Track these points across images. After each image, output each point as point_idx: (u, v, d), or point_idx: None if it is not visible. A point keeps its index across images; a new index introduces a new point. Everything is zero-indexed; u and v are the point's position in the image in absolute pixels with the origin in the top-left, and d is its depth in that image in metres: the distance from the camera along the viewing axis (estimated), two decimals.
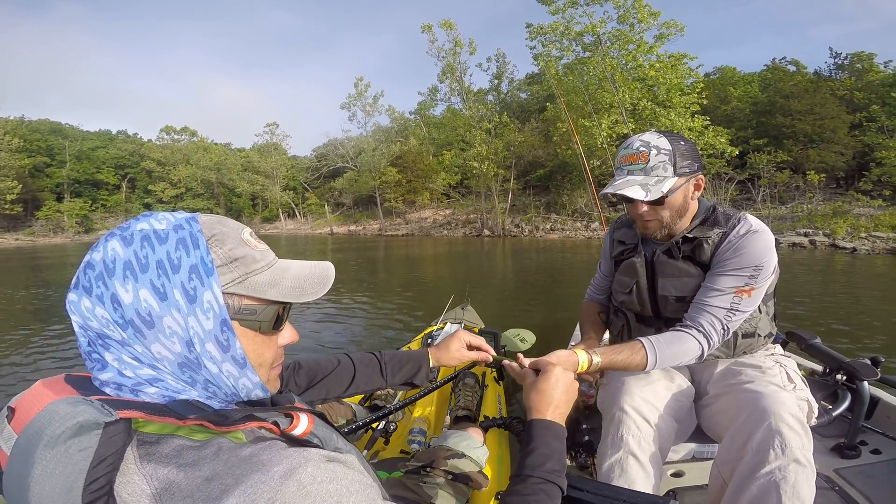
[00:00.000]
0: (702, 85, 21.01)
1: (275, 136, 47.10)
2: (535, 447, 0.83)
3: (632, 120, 19.96)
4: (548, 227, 24.64)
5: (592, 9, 20.67)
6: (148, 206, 48.17)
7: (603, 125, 20.01)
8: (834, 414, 1.54)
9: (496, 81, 35.05)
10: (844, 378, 1.66)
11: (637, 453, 1.17)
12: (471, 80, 28.67)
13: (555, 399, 0.92)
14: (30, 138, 44.98)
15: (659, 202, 1.24)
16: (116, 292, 0.48)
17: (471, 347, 1.23)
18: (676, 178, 1.22)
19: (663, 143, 1.22)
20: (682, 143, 1.24)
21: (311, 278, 0.62)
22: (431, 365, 1.19)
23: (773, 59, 30.31)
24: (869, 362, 1.63)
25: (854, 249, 13.69)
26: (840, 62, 28.63)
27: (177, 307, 0.50)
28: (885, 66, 26.39)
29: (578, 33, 21.17)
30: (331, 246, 23.67)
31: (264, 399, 0.62)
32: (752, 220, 1.26)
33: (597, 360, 1.17)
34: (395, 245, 22.29)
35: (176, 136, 51.35)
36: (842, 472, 1.49)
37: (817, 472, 1.05)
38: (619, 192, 1.22)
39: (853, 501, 1.36)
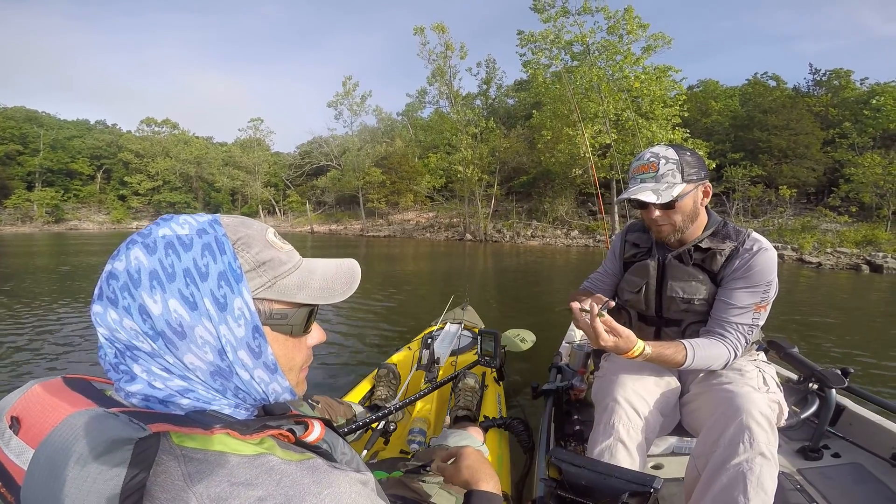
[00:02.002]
0: (684, 98, 21.48)
1: (258, 131, 46.36)
2: None
3: (615, 130, 20.31)
4: (528, 233, 24.83)
5: (583, 18, 20.99)
6: (123, 199, 47.06)
7: (587, 134, 20.31)
8: (802, 416, 1.67)
9: (485, 86, 35.35)
10: (816, 386, 1.78)
11: (626, 441, 1.27)
12: (460, 84, 28.85)
13: (488, 472, 0.93)
14: (3, 125, 43.34)
15: (670, 206, 1.36)
16: (144, 303, 0.47)
17: None
18: (685, 184, 1.34)
19: (671, 153, 1.35)
20: (688, 153, 1.37)
21: (338, 278, 0.61)
22: None
23: (755, 73, 31.23)
24: (839, 372, 1.75)
25: (819, 264, 14.16)
26: (819, 78, 29.71)
27: (208, 316, 0.49)
28: (861, 84, 27.45)
29: (568, 42, 21.46)
30: (311, 244, 23.40)
31: (289, 402, 0.63)
32: (759, 238, 1.38)
33: (648, 350, 1.27)
34: (378, 246, 22.16)
35: (156, 128, 50.16)
36: (804, 473, 1.61)
37: (782, 472, 1.14)
38: (633, 196, 1.34)
39: (813, 500, 1.47)
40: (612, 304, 1.28)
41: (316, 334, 0.63)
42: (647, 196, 1.32)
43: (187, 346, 0.49)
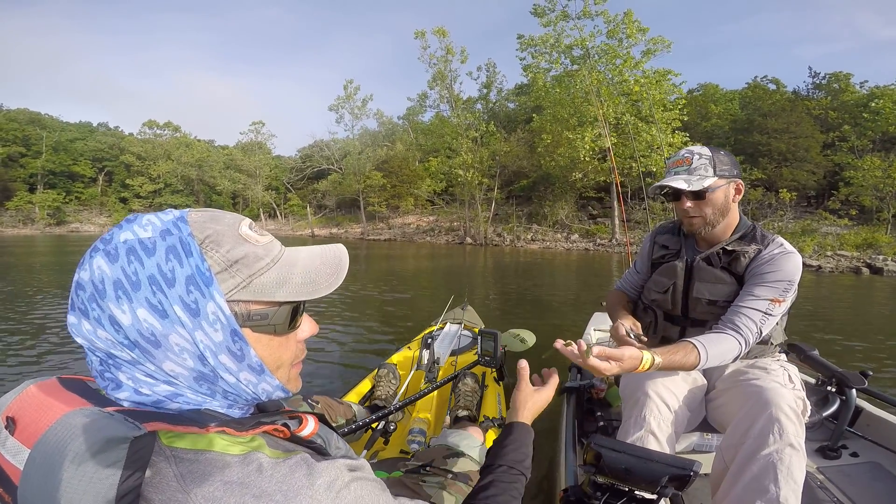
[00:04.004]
0: (684, 101, 21.50)
1: (260, 134, 46.65)
2: (517, 445, 0.90)
3: (614, 134, 20.32)
4: (529, 237, 24.81)
5: (583, 22, 21.05)
6: (124, 201, 47.16)
7: (586, 138, 20.32)
8: (823, 415, 1.72)
9: (485, 90, 35.41)
10: (836, 388, 1.83)
11: (656, 433, 1.32)
12: (460, 88, 28.95)
13: (537, 408, 1.00)
14: (6, 127, 43.65)
15: (700, 196, 1.42)
16: (113, 314, 0.45)
17: None
18: (716, 178, 1.40)
19: (705, 151, 1.44)
20: (722, 152, 1.46)
21: (322, 269, 0.57)
22: None
23: (755, 77, 31.24)
24: (859, 374, 1.79)
25: (819, 267, 14.16)
26: (818, 81, 29.75)
27: (180, 323, 0.47)
28: (860, 87, 27.48)
29: (568, 46, 21.51)
30: None
31: (289, 401, 0.64)
32: (785, 242, 1.43)
33: (658, 360, 1.25)
34: (379, 249, 22.16)
35: (158, 131, 50.25)
36: (824, 471, 1.65)
37: None
38: (666, 184, 1.42)
39: (832, 496, 1.51)
40: (645, 339, 1.35)
41: (307, 327, 0.60)
42: (679, 183, 1.39)
43: (164, 355, 0.47)
